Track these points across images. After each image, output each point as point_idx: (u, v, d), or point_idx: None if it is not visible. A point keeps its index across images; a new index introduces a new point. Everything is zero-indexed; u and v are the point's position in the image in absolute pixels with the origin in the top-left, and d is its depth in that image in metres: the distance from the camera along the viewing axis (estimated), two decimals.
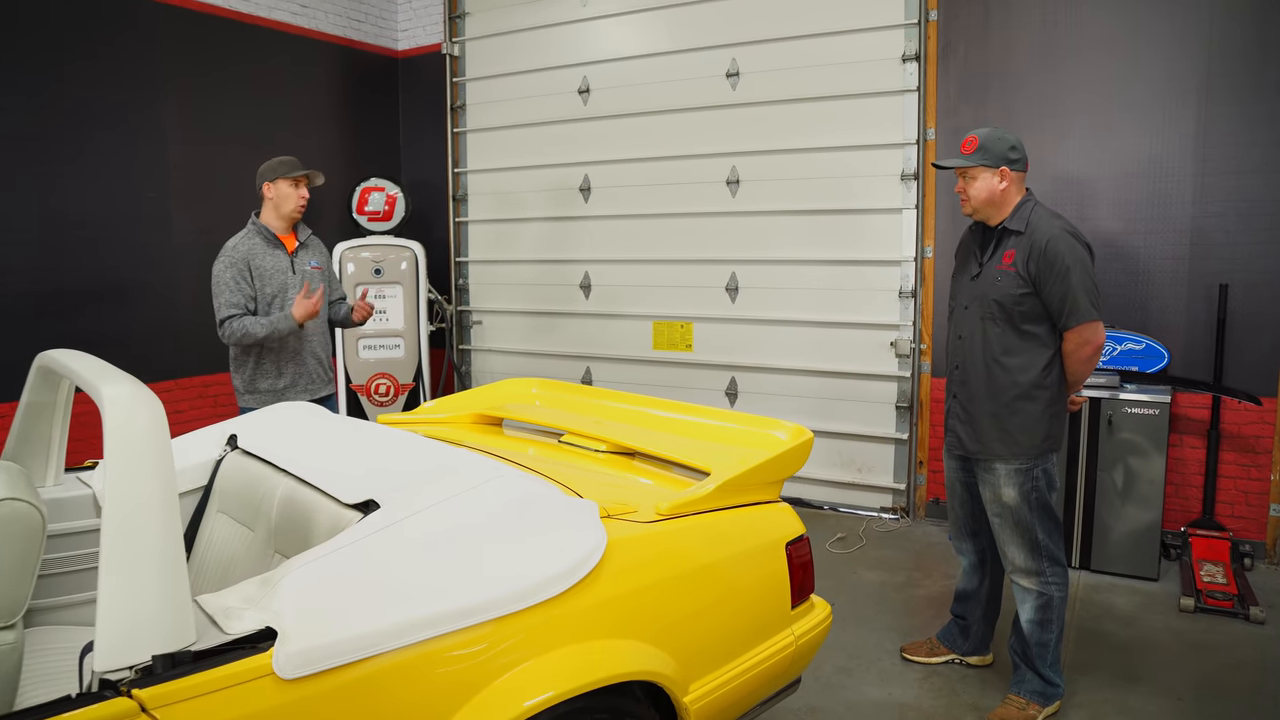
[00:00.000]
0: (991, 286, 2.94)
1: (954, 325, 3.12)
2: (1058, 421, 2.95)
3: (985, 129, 2.97)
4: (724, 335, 5.80)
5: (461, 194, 6.86)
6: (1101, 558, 4.32)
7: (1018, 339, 2.91)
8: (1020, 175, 2.96)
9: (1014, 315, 2.90)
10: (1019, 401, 2.91)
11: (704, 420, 2.84)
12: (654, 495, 2.24)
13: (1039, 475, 2.93)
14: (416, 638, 1.64)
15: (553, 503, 1.99)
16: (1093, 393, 4.27)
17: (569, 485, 2.31)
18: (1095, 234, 4.61)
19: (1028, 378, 2.90)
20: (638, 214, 6.04)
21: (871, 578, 4.34)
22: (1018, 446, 2.92)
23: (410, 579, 1.73)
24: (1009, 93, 4.78)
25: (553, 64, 6.23)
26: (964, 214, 3.05)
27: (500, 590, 1.76)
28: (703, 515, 2.19)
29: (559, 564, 1.84)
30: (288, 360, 3.85)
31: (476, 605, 1.72)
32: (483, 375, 6.97)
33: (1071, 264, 2.79)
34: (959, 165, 2.95)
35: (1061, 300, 2.81)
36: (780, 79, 5.41)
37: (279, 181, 3.83)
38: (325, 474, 2.22)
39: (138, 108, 5.29)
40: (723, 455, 2.46)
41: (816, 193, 5.37)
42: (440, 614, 1.68)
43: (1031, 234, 2.87)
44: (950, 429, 3.13)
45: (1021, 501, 2.94)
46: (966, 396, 3.04)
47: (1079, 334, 2.84)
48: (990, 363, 2.96)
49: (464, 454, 2.26)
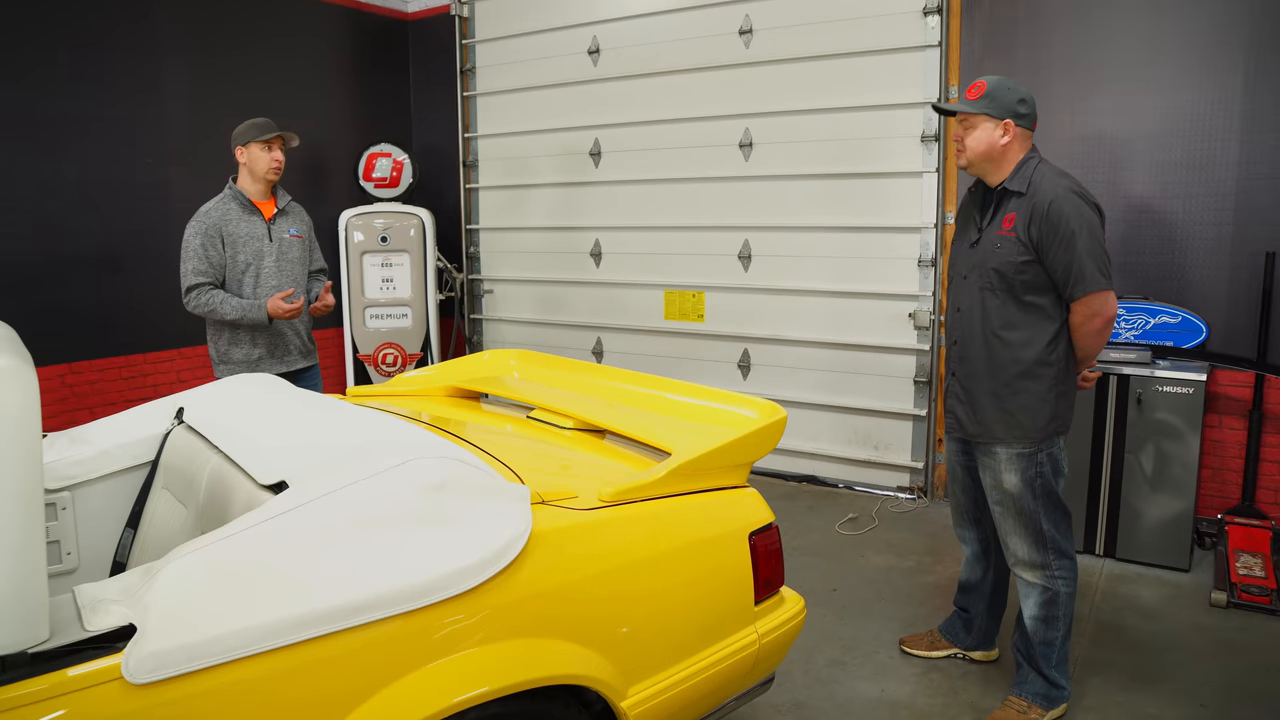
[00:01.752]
0: (990, 254, 2.67)
1: (952, 297, 2.86)
2: (1064, 401, 2.69)
3: (996, 76, 2.69)
4: (736, 305, 5.56)
5: (472, 160, 6.68)
6: (1128, 545, 4.04)
7: (1019, 311, 2.65)
8: (1025, 133, 2.68)
9: (1015, 285, 2.63)
10: (1021, 380, 2.66)
11: (680, 397, 2.64)
12: (606, 478, 2.05)
13: (1043, 461, 2.68)
14: (298, 637, 1.48)
15: (477, 487, 1.81)
16: (1122, 369, 3.97)
17: (513, 466, 2.14)
18: (1129, 198, 4.28)
19: (1030, 354, 2.64)
20: (648, 179, 5.80)
21: (879, 561, 4.12)
22: (1020, 429, 2.67)
23: (303, 570, 1.57)
24: (1037, 46, 4.43)
25: (562, 24, 5.99)
26: (958, 166, 2.78)
27: (402, 584, 1.59)
28: (652, 502, 2.00)
29: (472, 555, 1.67)
30: (261, 330, 3.72)
31: (372, 600, 1.55)
32: (494, 345, 6.81)
33: (1077, 227, 2.51)
34: (962, 111, 2.67)
35: (1067, 268, 2.54)
36: (795, 35, 5.11)
37: (251, 145, 3.68)
38: (250, 451, 2.07)
39: (136, 73, 5.18)
40: (690, 435, 2.26)
41: (832, 156, 5.08)
42: (329, 610, 1.51)
43: (1033, 195, 2.59)
44: (949, 409, 2.89)
45: (1024, 489, 2.70)
46: (965, 374, 2.79)
47: (1087, 305, 2.57)
48: (990, 337, 2.70)
49: (400, 432, 2.09)
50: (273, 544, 1.61)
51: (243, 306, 3.57)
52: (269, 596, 1.52)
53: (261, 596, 1.52)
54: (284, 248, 3.77)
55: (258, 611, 1.49)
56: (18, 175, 4.71)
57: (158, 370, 5.34)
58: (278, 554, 1.59)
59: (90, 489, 2.49)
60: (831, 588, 3.83)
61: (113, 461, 2.51)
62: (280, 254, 3.75)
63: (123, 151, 5.13)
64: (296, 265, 3.81)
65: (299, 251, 3.83)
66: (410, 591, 1.59)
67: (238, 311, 3.56)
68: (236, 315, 3.56)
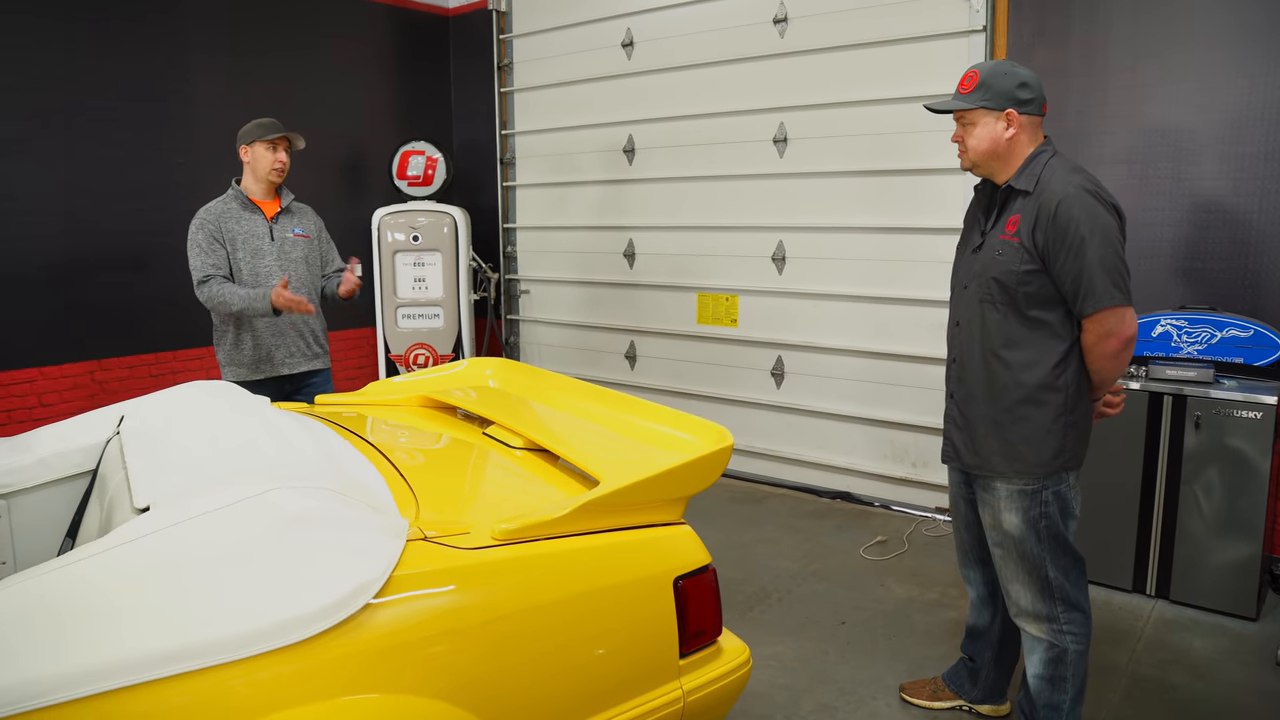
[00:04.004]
0: (991, 261, 2.35)
1: (952, 309, 2.55)
2: (1074, 433, 2.34)
3: (990, 62, 2.37)
4: (770, 309, 5.27)
5: (509, 157, 6.55)
6: (1185, 586, 3.60)
7: (1023, 328, 2.32)
8: (1033, 121, 2.35)
9: (1018, 298, 2.31)
10: (1023, 407, 2.33)
11: (643, 421, 2.40)
12: (528, 508, 1.84)
13: (1048, 499, 2.35)
14: (97, 688, 1.32)
15: (341, 522, 1.63)
16: (1180, 388, 3.54)
17: (423, 493, 1.96)
18: (1195, 196, 3.83)
19: (1033, 377, 2.31)
20: (681, 176, 5.55)
21: (899, 592, 3.79)
22: (1021, 462, 2.35)
23: (122, 611, 1.41)
24: (1094, 29, 4.01)
25: (596, 16, 5.79)
26: (963, 168, 2.46)
27: (228, 629, 1.41)
28: (555, 541, 1.78)
29: (317, 599, 1.48)
30: (264, 332, 3.65)
31: (189, 648, 1.38)
32: (530, 347, 6.69)
33: (1088, 232, 2.18)
34: (955, 108, 2.37)
35: (1075, 280, 2.21)
36: (831, 23, 4.78)
37: (255, 144, 3.63)
38: (146, 468, 1.95)
39: (169, 73, 5.22)
40: (628, 464, 2.03)
41: (870, 151, 4.74)
42: (137, 658, 1.35)
43: (1040, 195, 2.26)
44: (946, 435, 2.57)
45: (1027, 530, 2.37)
46: (963, 397, 2.48)
47: (1099, 323, 2.23)
48: (989, 357, 2.38)
49: (290, 455, 1.93)
50: (99, 579, 1.47)
51: (248, 296, 3.49)
52: (79, 640, 1.37)
53: (72, 639, 1.37)
54: (286, 247, 3.69)
55: (61, 657, 1.34)
56: (50, 176, 4.79)
57: (187, 367, 5.39)
58: (101, 591, 1.45)
59: (27, 498, 2.41)
60: (840, 620, 3.53)
61: (50, 470, 2.43)
62: (282, 253, 3.68)
63: (152, 153, 5.17)
64: (300, 265, 3.73)
65: (303, 251, 3.75)
66: (236, 639, 1.41)
67: (243, 302, 3.49)
68: (242, 305, 3.49)
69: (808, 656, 3.23)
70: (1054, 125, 4.11)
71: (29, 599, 1.43)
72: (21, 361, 4.79)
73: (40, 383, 4.88)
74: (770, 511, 4.86)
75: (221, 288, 3.53)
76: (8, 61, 4.59)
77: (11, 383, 4.77)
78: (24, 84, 4.66)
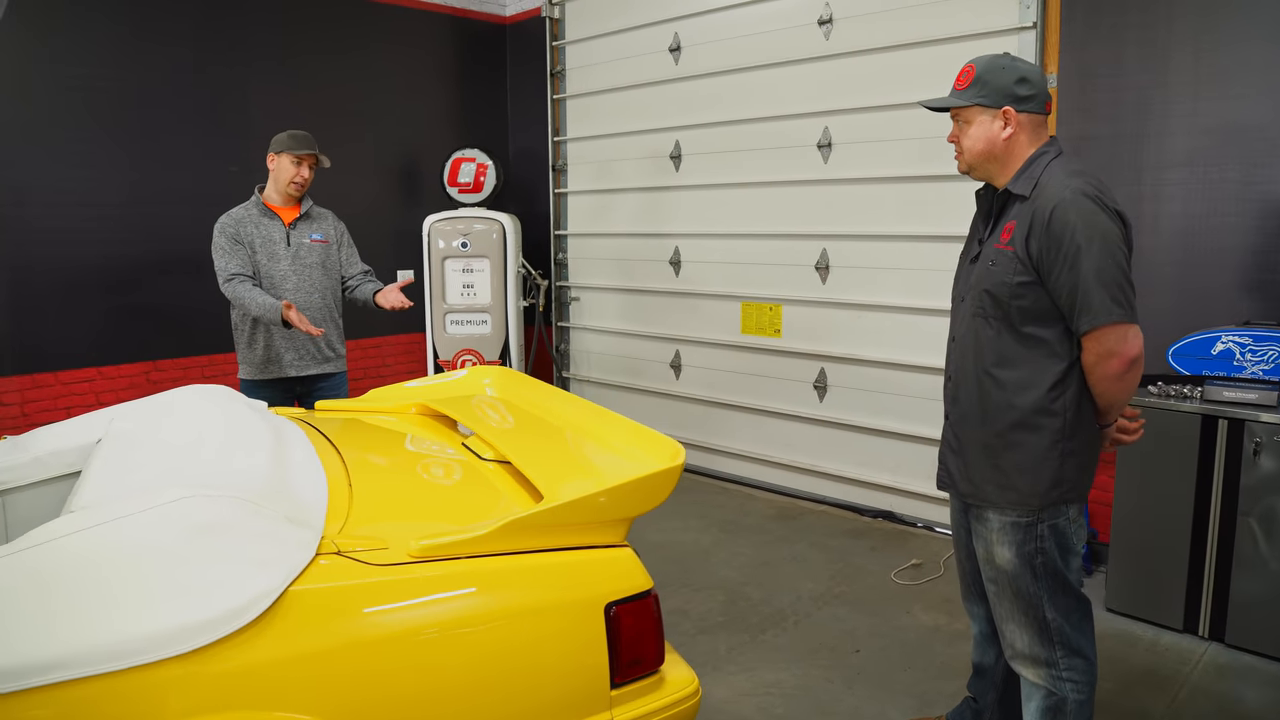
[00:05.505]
0: (985, 273, 2.18)
1: (951, 323, 2.37)
2: (1074, 462, 2.14)
3: (987, 56, 2.20)
4: (813, 320, 5.10)
5: (561, 164, 6.55)
6: (1242, 629, 3.29)
7: (1017, 345, 2.14)
8: (1034, 119, 2.17)
9: (1011, 312, 2.12)
10: (1016, 431, 2.14)
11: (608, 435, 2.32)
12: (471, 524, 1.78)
13: (1044, 534, 2.15)
14: None
15: (249, 532, 1.60)
16: (1235, 411, 3.24)
17: (362, 503, 1.93)
18: (1267, 201, 3.52)
19: (1028, 399, 2.12)
20: (726, 183, 5.44)
21: (925, 620, 3.58)
22: (1014, 492, 2.16)
23: (7, 616, 1.42)
24: (1155, 22, 3.72)
25: (645, 21, 5.73)
26: (959, 171, 2.29)
27: (113, 638, 1.40)
28: (477, 560, 1.71)
29: (205, 610, 1.46)
30: (275, 334, 3.73)
31: (69, 657, 1.37)
32: (580, 355, 6.67)
33: (1085, 240, 1.98)
34: (949, 105, 2.20)
35: (1071, 293, 2.02)
36: (876, 23, 4.60)
37: (283, 155, 3.72)
38: (98, 473, 1.98)
39: (227, 80, 5.40)
40: (574, 482, 1.95)
41: (916, 156, 4.53)
42: (13, 667, 1.35)
43: (1036, 199, 2.08)
44: (941, 459, 2.39)
45: (1021, 567, 2.18)
46: (957, 418, 2.30)
47: (1098, 342, 2.03)
48: (981, 376, 2.20)
49: (238, 462, 1.92)
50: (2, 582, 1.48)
51: (264, 305, 3.56)
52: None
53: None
54: (301, 253, 3.76)
55: None
56: (109, 182, 5.01)
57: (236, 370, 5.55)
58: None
59: (21, 495, 2.48)
60: (855, 648, 3.35)
61: (45, 469, 2.50)
62: (296, 258, 3.74)
63: (209, 161, 5.35)
64: (316, 270, 3.79)
65: (319, 256, 3.81)
66: (117, 648, 1.40)
67: (259, 309, 3.56)
68: (258, 311, 3.57)
69: (811, 685, 3.08)
70: (1110, 127, 3.85)
71: None
72: (82, 361, 5.03)
73: (99, 382, 5.11)
74: (806, 528, 4.69)
75: (243, 288, 3.61)
76: (74, 76, 4.83)
77: (72, 381, 5.01)
78: (89, 95, 4.90)
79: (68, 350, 4.97)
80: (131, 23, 5.02)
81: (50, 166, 4.81)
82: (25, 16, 4.68)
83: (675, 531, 4.67)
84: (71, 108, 4.85)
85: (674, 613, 3.66)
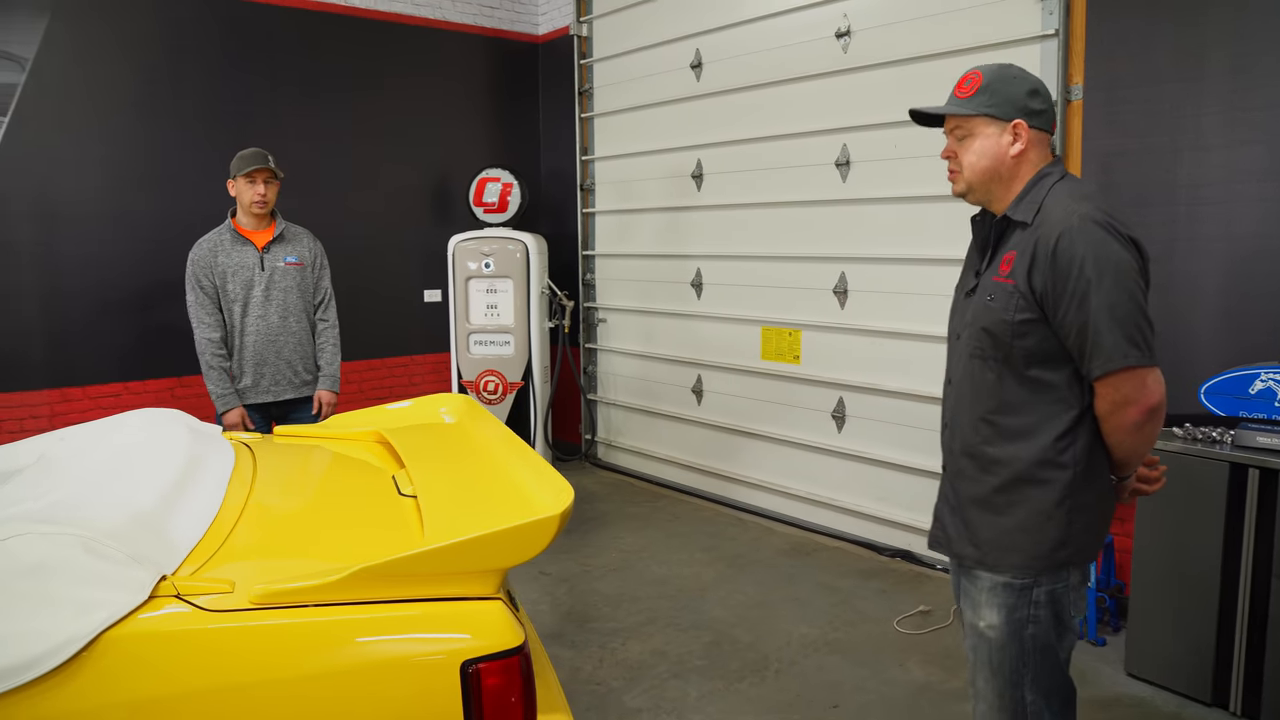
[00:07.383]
0: (982, 309, 1.91)
1: (947, 364, 2.10)
2: (1082, 521, 1.86)
3: (995, 64, 1.94)
4: (832, 346, 4.86)
5: (589, 183, 6.47)
6: (1277, 708, 2.93)
7: (1021, 390, 1.87)
8: (1042, 137, 1.91)
9: (1013, 354, 1.86)
10: (1019, 486, 1.87)
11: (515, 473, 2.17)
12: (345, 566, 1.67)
13: (1040, 600, 1.88)
14: None
15: (79, 574, 1.52)
16: (1268, 459, 2.89)
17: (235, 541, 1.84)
18: None
19: (1031, 451, 1.85)
20: (745, 203, 5.26)
21: (918, 676, 3.31)
22: (1013, 552, 1.89)
23: None
24: (1188, 28, 3.40)
25: (666, 37, 5.62)
26: (954, 193, 2.03)
27: None
28: (315, 609, 1.59)
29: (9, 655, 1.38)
30: (249, 361, 3.74)
31: None
32: (606, 377, 6.55)
33: (1095, 274, 1.73)
34: (953, 113, 1.93)
35: (1080, 333, 1.76)
36: (895, 34, 4.37)
37: (237, 178, 3.70)
38: None
39: (258, 103, 5.51)
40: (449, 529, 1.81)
41: (936, 175, 4.25)
42: None
43: (1039, 226, 1.82)
44: (936, 515, 2.10)
45: (1008, 636, 1.91)
46: (954, 471, 2.03)
47: (1113, 389, 1.77)
48: (978, 424, 1.94)
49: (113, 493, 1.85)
50: None
51: (215, 395, 3.73)
52: None
53: None
54: (276, 276, 3.74)
55: None
56: (140, 207, 5.15)
57: None
58: None
59: None
60: (833, 703, 3.11)
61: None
62: (270, 283, 3.73)
63: None
64: (291, 294, 3.78)
65: (294, 280, 3.79)
66: None
67: (212, 395, 3.73)
68: (209, 388, 3.72)
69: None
70: (1140, 141, 3.54)
71: None
72: (109, 376, 5.16)
73: (125, 397, 5.23)
74: (815, 566, 4.44)
75: (207, 359, 3.69)
76: (108, 103, 4.98)
77: (100, 395, 5.14)
78: (119, 123, 5.05)
79: (95, 366, 5.11)
80: (163, 48, 5.16)
81: (79, 189, 4.97)
82: (60, 45, 4.86)
83: (679, 565, 4.49)
84: (106, 135, 5.00)
85: (652, 654, 3.48)
